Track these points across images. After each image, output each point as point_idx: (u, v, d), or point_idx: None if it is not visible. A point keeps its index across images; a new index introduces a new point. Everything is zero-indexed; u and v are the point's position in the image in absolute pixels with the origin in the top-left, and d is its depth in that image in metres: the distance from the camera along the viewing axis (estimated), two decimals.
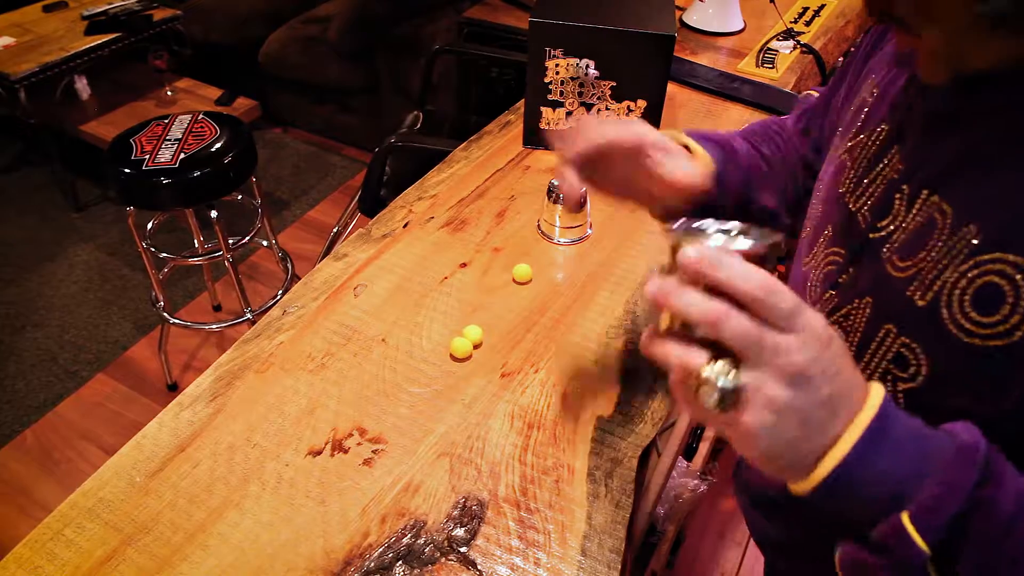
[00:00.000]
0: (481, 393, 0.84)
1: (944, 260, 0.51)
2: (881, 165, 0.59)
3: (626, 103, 1.21)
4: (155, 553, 0.67)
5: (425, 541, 0.69)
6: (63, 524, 0.69)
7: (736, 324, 0.43)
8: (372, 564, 0.67)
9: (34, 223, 2.76)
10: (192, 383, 0.83)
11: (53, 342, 2.27)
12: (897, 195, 0.56)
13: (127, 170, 1.70)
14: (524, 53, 1.21)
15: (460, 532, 0.70)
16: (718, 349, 0.44)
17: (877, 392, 0.45)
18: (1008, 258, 0.47)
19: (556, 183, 1.05)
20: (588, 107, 1.22)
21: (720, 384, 0.43)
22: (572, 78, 1.20)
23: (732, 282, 0.43)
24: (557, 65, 1.18)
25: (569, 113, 1.24)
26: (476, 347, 0.89)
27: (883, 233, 0.57)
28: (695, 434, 1.41)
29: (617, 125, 0.72)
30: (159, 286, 2.00)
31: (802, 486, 0.45)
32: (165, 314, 2.01)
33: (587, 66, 1.18)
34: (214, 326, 2.15)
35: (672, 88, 1.46)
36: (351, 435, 0.78)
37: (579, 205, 1.05)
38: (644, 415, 0.81)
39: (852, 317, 0.59)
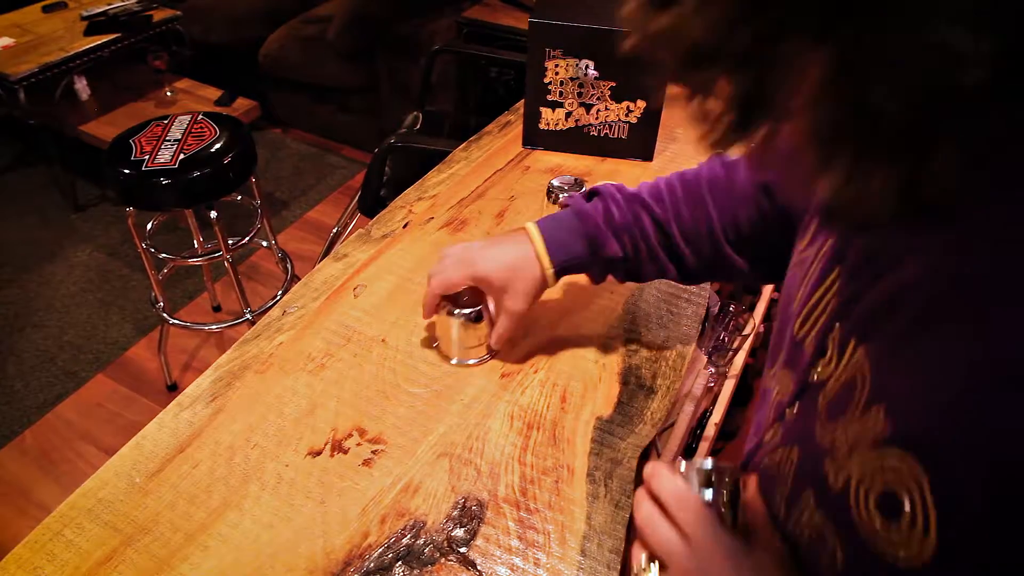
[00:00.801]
0: (481, 393, 0.84)
1: (855, 442, 0.42)
2: (823, 290, 0.50)
3: (625, 103, 1.21)
4: (155, 554, 0.67)
5: (425, 541, 0.69)
6: (62, 525, 0.69)
7: (651, 532, 0.51)
8: (372, 564, 0.67)
9: (33, 223, 2.76)
10: (192, 383, 0.83)
11: (52, 342, 2.26)
12: (830, 335, 0.48)
13: (127, 170, 1.70)
14: (523, 53, 1.21)
15: (460, 532, 0.70)
16: None
17: None
18: (912, 461, 0.38)
19: (555, 183, 1.05)
20: (588, 107, 1.22)
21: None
22: (572, 78, 1.20)
23: (654, 492, 0.51)
24: (557, 65, 1.18)
25: (569, 113, 1.24)
26: None
27: (817, 378, 0.48)
28: (695, 434, 1.41)
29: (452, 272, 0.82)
30: (159, 286, 1.99)
31: None
32: (165, 315, 2.01)
33: (586, 66, 1.18)
34: (214, 327, 2.15)
35: (671, 88, 1.46)
36: (351, 435, 0.78)
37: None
38: (643, 415, 0.81)
39: (782, 466, 0.51)
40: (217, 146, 1.79)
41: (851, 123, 0.32)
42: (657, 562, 0.52)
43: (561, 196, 1.02)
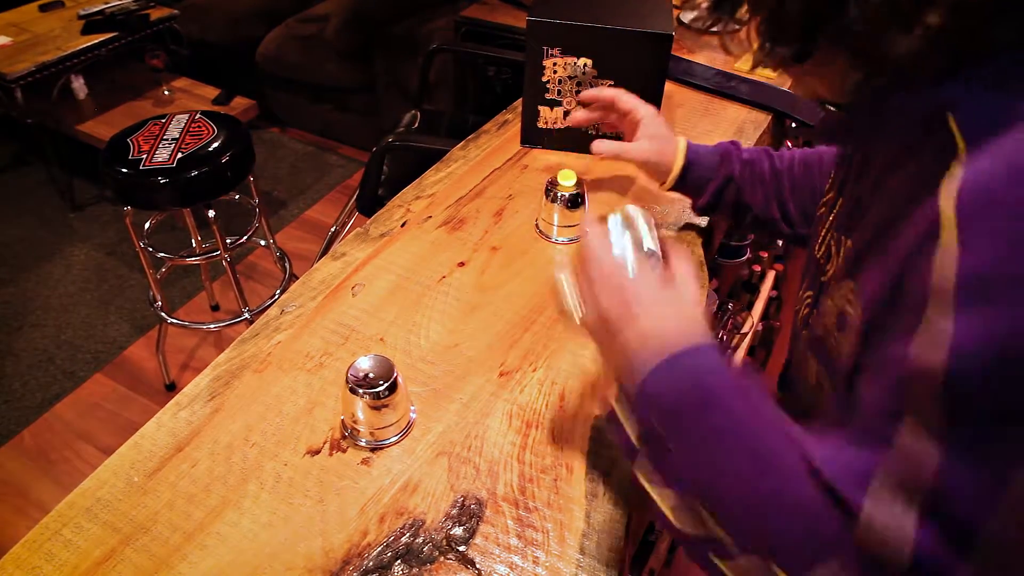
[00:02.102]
0: (479, 392, 0.84)
1: (833, 291, 0.58)
2: (831, 218, 0.66)
3: None
4: (153, 553, 0.67)
5: (424, 540, 0.69)
6: (61, 524, 0.69)
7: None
8: (371, 563, 0.67)
9: (31, 223, 2.76)
10: (190, 383, 0.83)
11: (50, 342, 2.26)
12: (833, 241, 0.63)
13: (124, 170, 1.70)
14: (522, 52, 1.21)
15: (459, 531, 0.70)
16: None
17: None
18: (851, 286, 0.53)
19: (553, 181, 1.05)
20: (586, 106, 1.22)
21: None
22: (570, 77, 1.20)
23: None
24: (555, 64, 1.18)
25: (567, 112, 1.24)
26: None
27: (826, 277, 0.63)
28: None
29: (622, 93, 1.04)
30: (157, 286, 1.99)
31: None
32: (163, 314, 2.01)
33: (585, 65, 1.18)
34: (212, 326, 2.15)
35: (670, 87, 1.46)
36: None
37: (576, 203, 1.04)
38: None
39: (804, 352, 0.66)
40: (215, 145, 1.79)
41: None
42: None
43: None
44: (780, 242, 1.89)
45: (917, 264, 0.43)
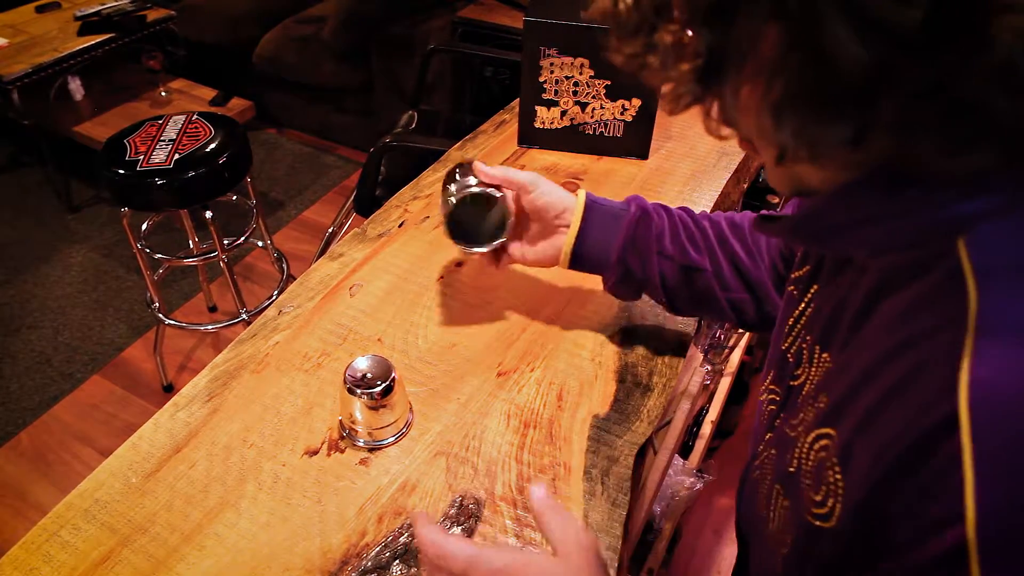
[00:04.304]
0: (477, 392, 0.84)
1: (807, 425, 0.48)
2: (803, 306, 0.56)
3: (620, 102, 1.21)
4: (152, 554, 0.67)
5: None
6: (59, 526, 0.69)
7: (425, 552, 0.52)
8: (369, 563, 0.67)
9: (28, 224, 2.75)
10: (188, 383, 0.83)
11: (48, 344, 2.26)
12: (804, 345, 0.54)
13: (121, 171, 1.70)
14: (519, 52, 1.21)
15: (457, 531, 0.70)
16: None
17: None
18: (831, 433, 0.44)
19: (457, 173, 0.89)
20: (583, 106, 1.23)
21: None
22: (567, 77, 1.20)
23: (420, 550, 0.53)
24: (552, 64, 1.18)
25: (564, 112, 1.24)
26: None
27: (798, 383, 0.54)
28: (691, 432, 1.41)
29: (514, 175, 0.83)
30: (154, 287, 1.99)
31: None
32: (160, 315, 2.01)
33: (582, 65, 1.18)
34: (210, 327, 2.15)
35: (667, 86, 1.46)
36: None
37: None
38: (640, 413, 0.81)
39: (764, 466, 0.57)
40: (212, 146, 1.79)
41: (808, 73, 0.34)
42: None
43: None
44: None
45: (918, 476, 0.36)
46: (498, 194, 0.82)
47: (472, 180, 0.83)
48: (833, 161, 0.40)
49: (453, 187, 0.84)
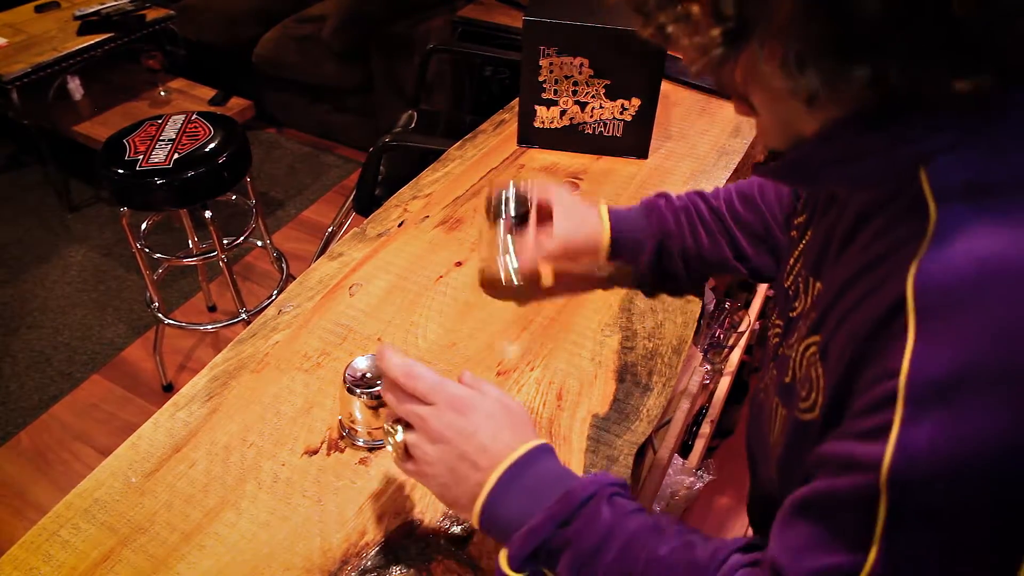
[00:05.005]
0: None
1: (798, 340, 0.56)
2: (801, 246, 0.63)
3: (620, 101, 1.21)
4: (151, 553, 0.67)
5: (422, 540, 0.69)
6: (59, 525, 0.69)
7: (388, 396, 0.61)
8: (369, 563, 0.67)
9: (27, 224, 2.75)
10: (188, 383, 0.83)
11: (47, 343, 2.26)
12: (801, 279, 0.61)
13: (121, 171, 1.70)
14: (518, 52, 1.21)
15: (457, 530, 0.70)
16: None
17: (524, 447, 0.58)
18: (817, 340, 0.51)
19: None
20: (582, 105, 1.23)
21: (390, 439, 0.61)
22: (566, 76, 1.20)
23: (387, 373, 0.60)
24: (551, 64, 1.18)
25: (563, 111, 1.24)
26: None
27: (795, 314, 0.61)
28: (691, 431, 1.41)
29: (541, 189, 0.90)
30: (153, 287, 1.99)
31: (473, 521, 0.58)
32: (160, 315, 2.01)
33: (581, 65, 1.18)
34: (209, 327, 2.15)
35: (666, 86, 1.46)
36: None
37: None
38: (640, 413, 0.81)
39: (768, 390, 0.65)
40: (212, 146, 1.78)
41: (829, 26, 0.39)
42: (402, 424, 0.61)
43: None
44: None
45: (874, 351, 0.42)
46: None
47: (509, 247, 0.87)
48: (842, 102, 0.44)
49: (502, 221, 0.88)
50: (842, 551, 0.42)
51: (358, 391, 0.73)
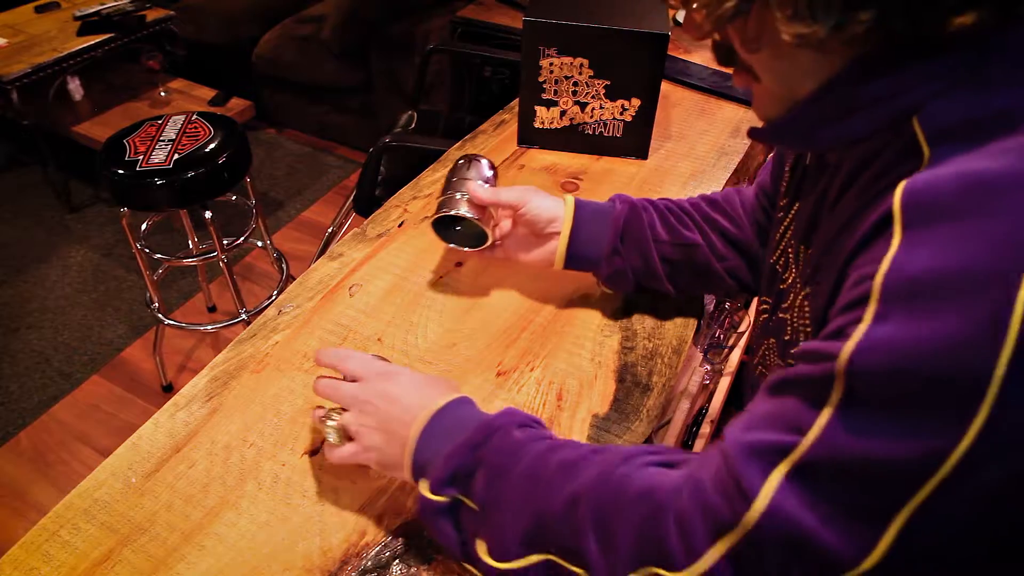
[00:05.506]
0: (477, 392, 0.84)
1: (794, 300, 0.59)
2: (787, 222, 0.66)
3: (620, 101, 1.21)
4: (151, 554, 0.67)
5: (422, 540, 0.69)
6: (59, 525, 0.69)
7: (322, 386, 0.70)
8: (369, 563, 0.67)
9: (27, 224, 2.75)
10: (188, 383, 0.83)
11: (47, 344, 2.26)
12: (790, 250, 0.64)
13: (121, 171, 1.70)
14: (518, 52, 1.21)
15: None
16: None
17: (445, 399, 0.64)
18: (810, 290, 0.54)
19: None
20: (582, 106, 1.23)
21: (329, 430, 0.68)
22: (566, 77, 1.20)
23: (321, 362, 0.72)
24: (551, 64, 1.18)
25: (563, 112, 1.24)
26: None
27: (785, 285, 0.64)
28: (691, 431, 1.41)
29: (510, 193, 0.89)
30: (153, 287, 1.99)
31: (405, 474, 0.63)
32: (160, 315, 2.01)
33: (581, 65, 1.18)
34: (209, 327, 2.15)
35: (666, 87, 1.46)
36: None
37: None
38: (640, 412, 0.81)
39: (767, 357, 0.69)
40: (212, 146, 1.79)
41: None
42: (335, 417, 0.67)
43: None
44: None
45: (860, 261, 0.44)
46: (473, 219, 0.88)
47: (463, 191, 0.89)
48: (845, 50, 0.47)
49: (447, 190, 0.91)
50: (783, 430, 0.44)
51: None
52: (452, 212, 0.88)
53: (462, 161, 0.95)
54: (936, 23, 0.42)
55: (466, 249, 0.93)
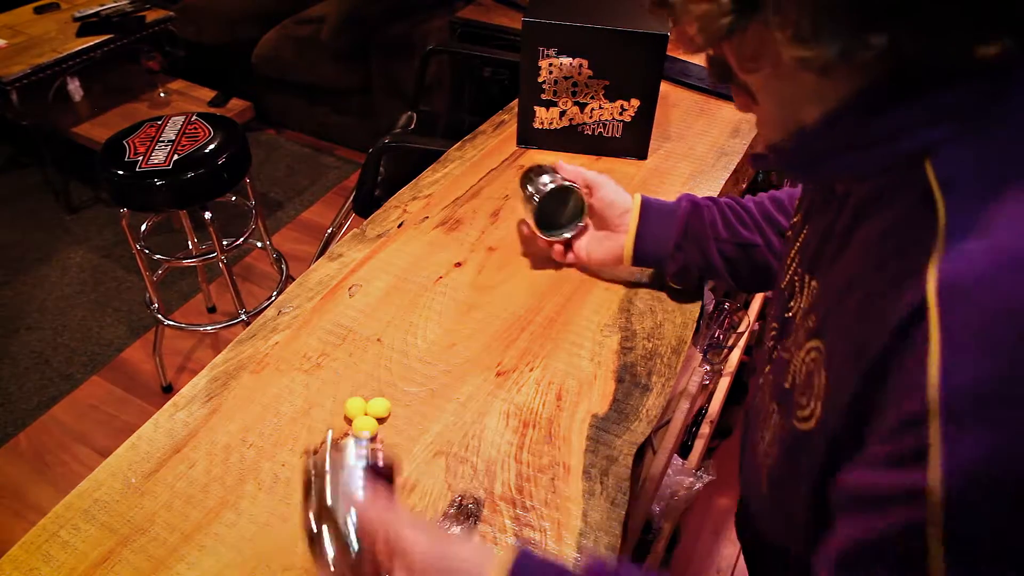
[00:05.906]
0: (476, 392, 0.84)
1: (799, 343, 0.53)
2: (797, 245, 0.62)
3: (619, 102, 1.21)
4: (151, 554, 0.67)
5: None
6: (58, 526, 0.69)
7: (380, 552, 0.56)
8: None
9: (27, 225, 2.75)
10: (187, 384, 0.83)
11: (47, 344, 2.26)
12: (797, 278, 0.59)
13: (120, 172, 1.70)
14: (517, 53, 1.21)
15: (456, 530, 0.70)
16: None
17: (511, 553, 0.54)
18: (820, 345, 0.49)
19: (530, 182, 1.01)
20: (582, 106, 1.23)
21: (327, 541, 0.56)
22: (566, 77, 1.20)
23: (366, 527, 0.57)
24: (551, 64, 1.19)
25: (563, 112, 1.24)
26: (380, 421, 0.80)
27: (791, 314, 0.59)
28: (690, 432, 1.41)
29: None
30: (153, 288, 1.99)
31: None
32: (159, 316, 2.01)
33: (580, 65, 1.18)
34: (209, 327, 2.15)
35: (665, 87, 1.46)
36: (347, 435, 0.78)
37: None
38: (639, 413, 0.82)
39: (763, 392, 0.64)
40: (211, 147, 1.79)
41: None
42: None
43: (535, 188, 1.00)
44: None
45: (894, 363, 0.38)
46: (576, 186, 0.95)
47: (547, 179, 0.96)
48: (852, 77, 0.43)
49: (531, 187, 0.98)
50: None
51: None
52: (566, 183, 0.94)
53: (534, 166, 1.01)
54: (958, 54, 0.37)
55: (561, 235, 0.98)
